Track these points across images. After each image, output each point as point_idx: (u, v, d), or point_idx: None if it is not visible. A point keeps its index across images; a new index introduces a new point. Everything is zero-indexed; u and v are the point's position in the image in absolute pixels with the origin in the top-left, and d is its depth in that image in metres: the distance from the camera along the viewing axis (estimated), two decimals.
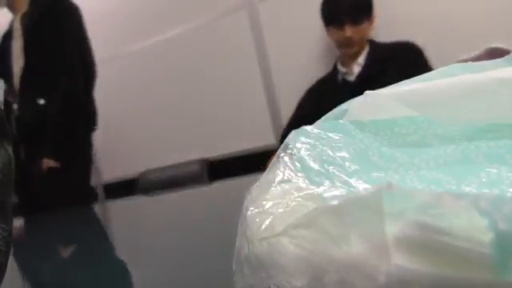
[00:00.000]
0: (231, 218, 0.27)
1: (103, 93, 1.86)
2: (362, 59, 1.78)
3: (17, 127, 1.64)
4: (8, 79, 1.70)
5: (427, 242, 0.14)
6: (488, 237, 0.13)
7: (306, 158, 0.22)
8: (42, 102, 1.58)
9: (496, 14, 1.69)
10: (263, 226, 0.19)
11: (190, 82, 2.31)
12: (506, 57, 0.25)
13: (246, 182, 0.27)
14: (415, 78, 0.26)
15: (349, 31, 1.67)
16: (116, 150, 2.22)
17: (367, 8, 1.75)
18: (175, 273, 0.41)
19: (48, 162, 1.57)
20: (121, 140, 1.87)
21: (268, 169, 0.24)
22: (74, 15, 1.69)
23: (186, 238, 0.55)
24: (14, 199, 1.58)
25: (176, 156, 2.31)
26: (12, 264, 0.53)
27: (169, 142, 2.38)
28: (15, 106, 1.67)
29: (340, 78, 1.82)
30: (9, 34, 1.75)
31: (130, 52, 2.45)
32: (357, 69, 1.78)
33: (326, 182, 0.20)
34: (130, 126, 2.41)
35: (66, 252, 0.66)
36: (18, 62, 1.69)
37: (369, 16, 1.76)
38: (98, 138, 1.92)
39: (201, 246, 0.48)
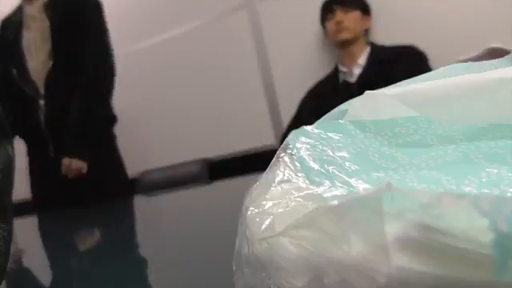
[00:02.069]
0: (231, 217, 0.27)
1: None
2: (362, 60, 1.78)
3: (46, 124, 1.59)
4: (22, 71, 1.61)
5: (427, 242, 0.14)
6: (488, 237, 0.13)
7: (306, 157, 0.22)
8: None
9: (496, 14, 1.69)
10: (263, 226, 0.19)
11: (190, 82, 2.31)
12: (506, 57, 0.25)
13: (246, 182, 0.27)
14: (415, 78, 0.26)
15: (339, 15, 1.80)
16: None
17: None
18: (175, 272, 0.41)
19: (76, 163, 1.51)
20: (121, 140, 1.87)
21: (268, 169, 0.24)
22: (98, 11, 1.66)
23: (185, 238, 0.55)
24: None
25: (176, 156, 2.31)
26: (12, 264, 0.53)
27: (169, 141, 2.38)
28: (41, 103, 1.59)
29: (341, 79, 1.82)
30: (17, 22, 1.63)
31: (129, 53, 2.45)
32: (357, 70, 1.78)
33: (326, 182, 0.20)
34: (129, 126, 2.41)
35: (78, 248, 0.66)
36: (37, 55, 1.59)
37: (360, 5, 1.82)
38: None
39: (200, 246, 0.48)
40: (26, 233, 0.98)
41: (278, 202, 0.20)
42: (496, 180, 0.17)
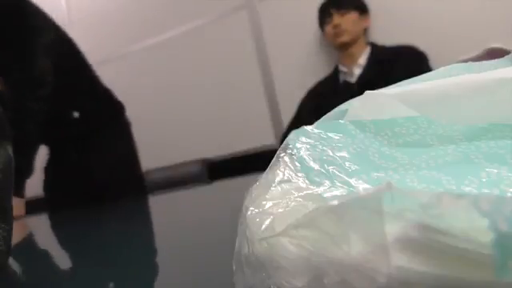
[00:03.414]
0: (231, 217, 0.27)
1: None
2: (362, 60, 1.78)
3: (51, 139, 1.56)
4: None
5: (427, 242, 0.14)
6: (488, 237, 0.13)
7: (306, 157, 0.22)
8: (76, 115, 1.52)
9: (496, 14, 1.69)
10: (263, 226, 0.19)
11: (190, 82, 2.31)
12: (506, 57, 0.25)
13: (246, 182, 0.27)
14: (415, 78, 0.26)
15: (336, 19, 1.79)
16: None
17: None
18: (175, 272, 0.41)
19: None
20: None
21: (268, 169, 0.24)
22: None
23: (185, 238, 0.55)
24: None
25: (176, 156, 2.31)
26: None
27: (169, 141, 2.38)
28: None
29: (341, 79, 1.82)
30: None
31: (129, 53, 2.45)
32: (358, 70, 1.78)
33: (326, 182, 0.20)
34: None
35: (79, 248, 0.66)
36: None
37: (357, 6, 1.81)
38: None
39: (200, 246, 0.48)
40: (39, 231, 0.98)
41: (277, 202, 0.20)
42: (496, 180, 0.17)
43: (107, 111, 1.60)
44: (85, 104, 1.51)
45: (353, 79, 1.78)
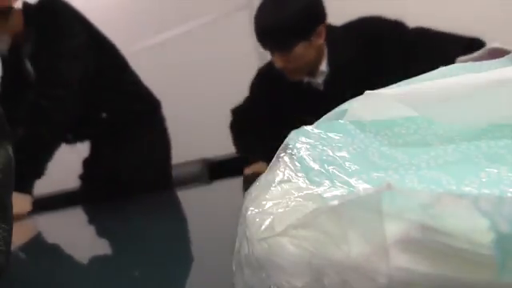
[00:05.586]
0: (231, 217, 0.27)
1: None
2: (324, 67, 1.32)
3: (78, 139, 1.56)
4: None
5: (427, 242, 0.14)
6: (489, 238, 0.13)
7: (306, 157, 0.22)
8: (104, 115, 1.52)
9: (496, 14, 1.69)
10: (263, 226, 0.19)
11: (190, 82, 2.31)
12: (506, 57, 0.25)
13: None
14: (415, 78, 0.26)
15: (278, 61, 1.25)
16: None
17: (295, 29, 1.20)
18: (175, 272, 0.41)
19: None
20: None
21: (268, 169, 0.24)
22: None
23: (185, 238, 0.55)
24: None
25: (176, 156, 2.31)
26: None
27: None
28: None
29: (305, 87, 1.35)
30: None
31: (129, 52, 2.45)
32: (321, 78, 1.33)
33: (326, 182, 0.20)
34: None
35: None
36: None
37: (304, 36, 1.21)
38: None
39: (201, 246, 0.48)
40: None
41: (277, 202, 0.20)
42: (496, 180, 0.17)
43: (137, 109, 1.61)
44: (112, 103, 1.52)
45: (320, 87, 1.33)
